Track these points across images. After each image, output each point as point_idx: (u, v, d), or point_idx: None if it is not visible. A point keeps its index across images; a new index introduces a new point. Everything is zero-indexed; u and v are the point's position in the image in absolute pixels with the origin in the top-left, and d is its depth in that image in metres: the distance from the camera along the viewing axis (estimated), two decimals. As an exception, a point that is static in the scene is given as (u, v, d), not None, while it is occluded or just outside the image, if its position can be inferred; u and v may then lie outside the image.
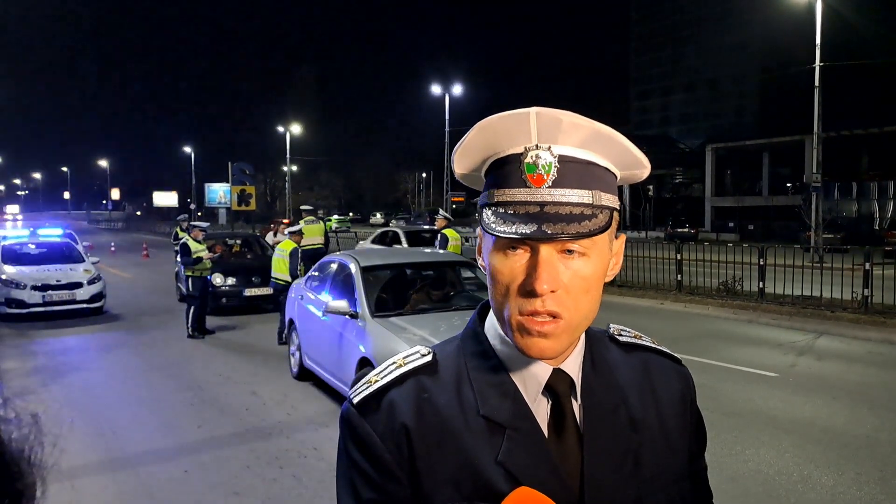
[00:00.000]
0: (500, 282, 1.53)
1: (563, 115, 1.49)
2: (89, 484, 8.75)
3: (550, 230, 1.44)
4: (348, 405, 1.64)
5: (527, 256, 1.50)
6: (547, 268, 1.47)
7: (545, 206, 1.48)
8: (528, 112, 1.49)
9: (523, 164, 1.50)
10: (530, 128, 1.50)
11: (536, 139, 1.51)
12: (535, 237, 1.44)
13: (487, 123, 1.53)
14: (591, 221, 1.47)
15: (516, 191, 1.50)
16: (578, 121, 1.50)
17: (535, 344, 1.50)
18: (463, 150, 1.59)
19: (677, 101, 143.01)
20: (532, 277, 1.47)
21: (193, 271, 18.38)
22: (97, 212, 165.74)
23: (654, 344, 1.85)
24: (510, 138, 1.52)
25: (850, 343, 16.64)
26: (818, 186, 37.86)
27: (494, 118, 1.51)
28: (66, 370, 14.74)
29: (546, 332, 1.49)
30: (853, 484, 8.34)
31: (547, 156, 1.50)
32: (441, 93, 64.11)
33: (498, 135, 1.53)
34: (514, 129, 1.51)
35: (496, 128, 1.52)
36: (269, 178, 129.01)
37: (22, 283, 20.83)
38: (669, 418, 1.73)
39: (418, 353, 1.69)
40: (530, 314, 1.49)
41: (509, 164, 1.53)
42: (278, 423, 10.93)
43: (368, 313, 11.00)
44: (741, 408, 11.44)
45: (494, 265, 1.54)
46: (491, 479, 1.52)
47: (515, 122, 1.50)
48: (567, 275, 1.50)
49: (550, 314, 1.49)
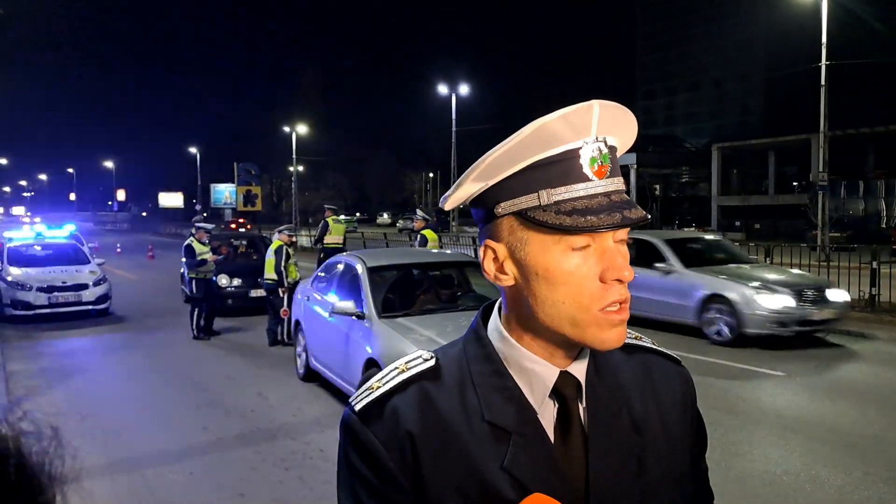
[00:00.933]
0: (569, 282, 1.50)
1: (617, 107, 1.52)
2: (94, 485, 8.73)
3: (633, 215, 1.47)
4: (349, 412, 1.62)
5: (591, 249, 1.50)
6: (623, 254, 1.51)
7: (611, 196, 1.50)
8: (591, 104, 1.48)
9: (584, 158, 1.50)
10: (592, 121, 1.50)
11: (596, 132, 1.51)
12: (623, 224, 1.46)
13: (549, 120, 1.48)
14: (638, 206, 1.51)
15: (580, 185, 1.49)
16: (626, 113, 1.54)
17: (615, 334, 1.52)
18: (508, 151, 1.50)
19: (683, 100, 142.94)
20: (614, 266, 1.49)
21: (197, 273, 18.39)
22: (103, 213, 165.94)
23: (654, 345, 1.85)
24: (570, 134, 1.50)
25: (857, 342, 16.60)
26: (824, 185, 37.82)
27: (558, 114, 1.48)
28: (71, 371, 14.76)
29: (625, 319, 1.52)
30: (861, 483, 8.31)
31: (603, 147, 1.52)
32: (448, 93, 64.13)
33: (556, 131, 1.49)
34: (575, 124, 1.49)
35: (557, 124, 1.49)
36: (274, 178, 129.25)
37: (28, 284, 20.87)
38: (671, 420, 1.72)
39: (421, 357, 1.67)
40: (612, 305, 1.50)
41: (562, 160, 1.50)
42: (284, 425, 10.93)
43: (375, 314, 10.99)
44: (748, 407, 11.43)
45: (559, 267, 1.50)
46: (497, 486, 1.50)
47: (579, 115, 1.49)
48: (626, 262, 1.52)
49: (625, 301, 1.52)
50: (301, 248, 45.49)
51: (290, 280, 17.15)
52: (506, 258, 1.58)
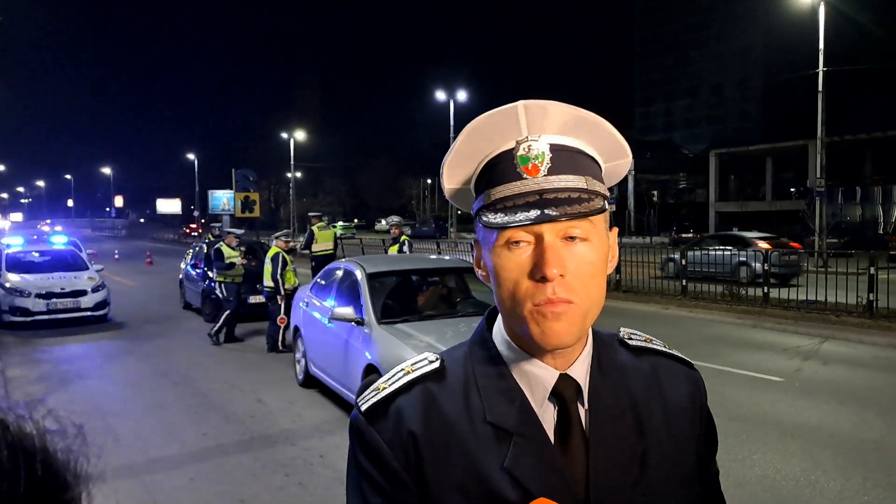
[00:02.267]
0: (506, 279, 1.52)
1: (549, 104, 1.52)
2: (95, 492, 8.74)
3: (553, 212, 1.46)
4: (357, 413, 1.64)
5: (530, 248, 1.50)
6: (553, 252, 1.48)
7: (544, 194, 1.49)
8: (515, 106, 1.51)
9: (516, 157, 1.52)
10: (519, 121, 1.51)
11: (527, 131, 1.52)
12: (540, 220, 1.45)
13: (476, 124, 1.54)
14: (589, 203, 1.49)
15: (513, 184, 1.52)
16: (564, 108, 1.53)
17: (551, 329, 1.50)
18: (453, 159, 1.60)
19: (681, 106, 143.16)
20: (541, 264, 1.47)
21: (226, 277, 18.45)
22: (101, 219, 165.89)
23: (665, 348, 1.85)
24: (500, 135, 1.54)
25: (855, 347, 16.65)
26: (822, 191, 37.88)
27: (482, 118, 1.53)
28: (70, 378, 14.75)
29: (560, 313, 1.49)
30: (860, 489, 8.33)
31: (538, 145, 1.52)
32: (445, 99, 64.14)
33: (488, 134, 1.54)
34: (503, 125, 1.52)
35: (485, 127, 1.54)
36: (272, 184, 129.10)
37: (26, 290, 20.88)
38: (678, 423, 1.72)
39: (426, 359, 1.69)
40: (543, 302, 1.49)
41: (502, 161, 1.54)
42: (284, 431, 10.94)
43: (374, 320, 11.00)
44: (747, 413, 11.44)
45: (498, 263, 1.53)
46: (497, 486, 1.52)
47: (504, 117, 1.52)
48: (573, 260, 1.50)
49: (562, 300, 1.49)
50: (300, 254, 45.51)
51: (289, 287, 17.13)
52: (479, 255, 1.65)
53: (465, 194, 1.68)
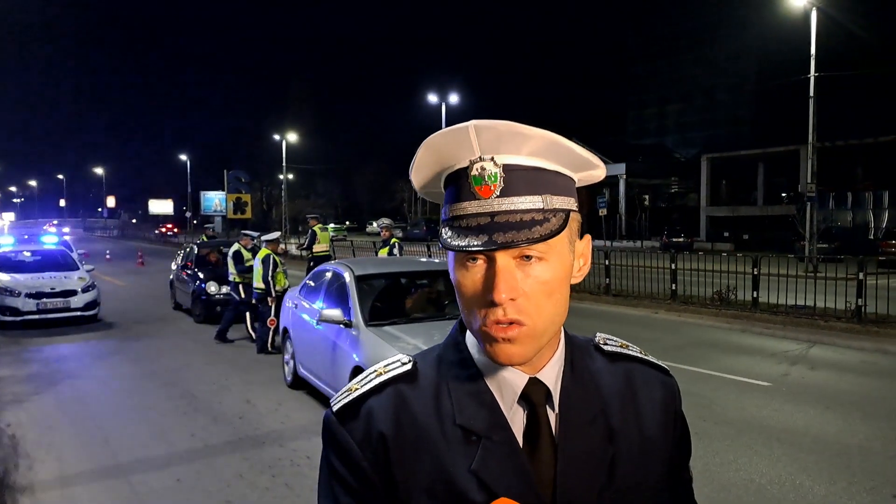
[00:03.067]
0: (463, 294, 1.55)
1: (500, 124, 1.50)
2: (81, 492, 8.77)
3: (501, 239, 1.46)
4: (329, 412, 1.66)
5: (485, 267, 1.51)
6: (504, 276, 1.48)
7: (495, 216, 1.49)
8: (466, 126, 1.50)
9: (470, 178, 1.52)
10: (471, 141, 1.51)
11: (479, 152, 1.52)
12: (486, 248, 1.45)
13: (432, 141, 1.54)
14: (542, 226, 1.49)
15: (467, 204, 1.52)
16: (517, 129, 1.51)
17: (502, 350, 1.51)
18: (416, 167, 1.61)
19: (673, 110, 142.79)
20: (490, 287, 1.48)
21: (244, 279, 18.47)
22: (93, 219, 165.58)
23: (642, 354, 1.85)
24: (455, 154, 1.54)
25: (843, 352, 16.67)
26: (813, 196, 37.89)
27: (437, 136, 1.53)
28: (59, 378, 14.74)
29: (510, 337, 1.50)
30: (845, 493, 8.35)
31: (491, 166, 1.51)
32: (437, 101, 64.05)
33: (443, 151, 1.55)
34: (456, 145, 1.53)
35: (440, 145, 1.54)
36: (265, 186, 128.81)
37: (16, 290, 20.85)
38: (650, 429, 1.73)
39: (399, 361, 1.71)
40: (494, 323, 1.50)
41: (459, 178, 1.55)
42: (272, 432, 10.95)
43: (362, 322, 11.01)
44: (734, 417, 11.46)
45: (457, 279, 1.56)
46: (464, 488, 1.54)
47: (455, 137, 1.51)
48: (527, 281, 1.51)
49: (512, 321, 1.50)
50: (291, 256, 45.47)
51: (279, 288, 17.14)
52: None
53: (436, 195, 1.69)
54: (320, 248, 24.49)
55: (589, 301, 25.48)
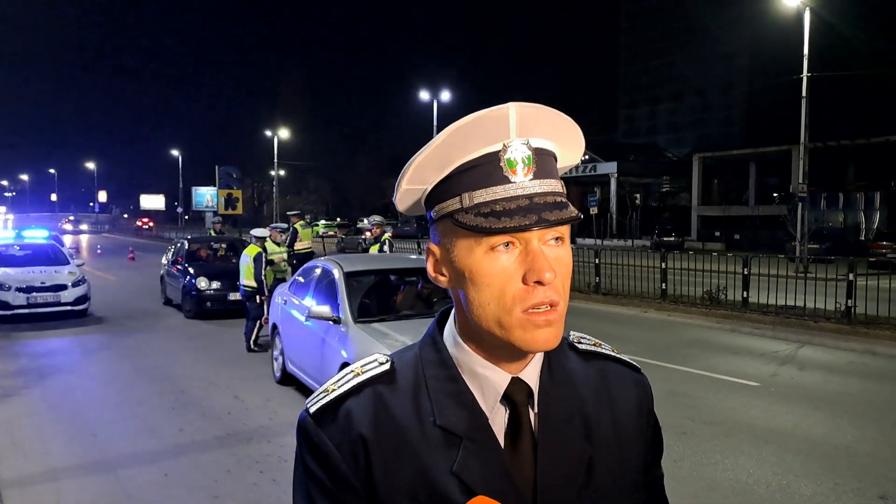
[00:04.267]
0: (491, 284, 1.50)
1: (541, 108, 1.51)
2: (69, 486, 8.76)
3: (552, 217, 1.45)
4: (305, 414, 1.64)
5: (516, 251, 1.49)
6: (545, 257, 1.48)
7: (533, 198, 1.49)
8: (507, 107, 1.49)
9: (504, 160, 1.50)
10: (509, 123, 1.50)
11: (515, 134, 1.51)
12: (541, 225, 1.44)
13: (463, 123, 1.50)
14: (570, 208, 1.50)
15: (500, 187, 1.50)
16: (555, 114, 1.54)
17: (542, 335, 1.50)
18: (427, 156, 1.54)
19: (665, 109, 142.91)
20: (536, 268, 1.47)
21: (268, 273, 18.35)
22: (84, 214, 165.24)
23: (614, 352, 1.84)
24: (486, 136, 1.51)
25: (832, 353, 16.70)
26: (804, 196, 37.97)
27: (471, 117, 1.50)
28: (49, 372, 14.72)
29: (550, 319, 1.49)
30: (831, 494, 8.37)
31: (525, 149, 1.51)
32: (429, 98, 64.04)
33: (473, 134, 1.51)
34: (490, 127, 1.50)
35: (472, 127, 1.50)
36: (256, 182, 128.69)
37: (6, 284, 20.80)
38: (626, 428, 1.72)
39: (376, 361, 1.69)
40: (534, 307, 1.48)
41: (484, 163, 1.52)
42: (260, 428, 10.95)
43: (351, 319, 11.02)
44: (721, 417, 11.47)
45: (483, 268, 1.51)
46: (446, 490, 1.52)
47: (493, 118, 1.49)
48: (557, 263, 1.50)
49: (552, 303, 1.49)
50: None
51: (268, 284, 17.09)
52: (442, 260, 1.61)
53: (413, 197, 1.65)
54: (302, 246, 24.45)
55: (578, 300, 25.47)
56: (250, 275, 17.21)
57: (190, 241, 25.67)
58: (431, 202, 1.60)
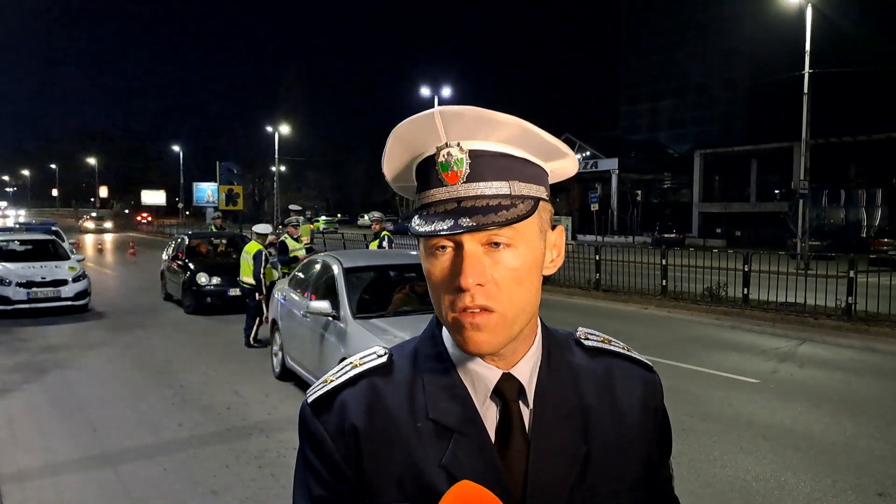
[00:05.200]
0: (432, 283, 1.55)
1: (466, 110, 1.50)
2: (69, 480, 8.76)
3: (466, 223, 1.45)
4: (304, 404, 1.66)
5: (453, 254, 1.51)
6: (471, 262, 1.48)
7: (462, 202, 1.49)
8: (431, 113, 1.50)
9: (437, 164, 1.52)
10: (437, 128, 1.51)
11: (445, 138, 1.52)
12: (451, 232, 1.45)
13: (399, 130, 1.54)
14: (508, 211, 1.48)
15: (435, 191, 1.53)
16: (484, 115, 1.50)
17: (471, 338, 1.50)
18: (386, 158, 1.61)
19: (666, 106, 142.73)
20: (458, 273, 1.48)
21: (289, 269, 18.27)
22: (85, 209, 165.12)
23: (624, 349, 1.83)
24: (423, 141, 1.54)
25: (832, 350, 16.71)
26: (805, 193, 37.95)
27: (404, 124, 1.53)
28: (49, 367, 14.72)
29: (478, 324, 1.49)
30: (830, 491, 8.37)
31: (457, 152, 1.51)
32: (430, 95, 63.97)
33: (411, 139, 1.55)
34: (423, 132, 1.52)
35: (407, 133, 1.54)
36: (257, 177, 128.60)
37: (7, 279, 20.82)
38: (628, 426, 1.71)
39: (375, 353, 1.71)
40: (462, 310, 1.49)
41: (427, 166, 1.55)
42: (259, 423, 10.95)
43: (350, 315, 11.02)
44: (721, 413, 11.47)
45: (426, 267, 1.56)
46: (433, 482, 1.53)
47: (421, 124, 1.51)
48: (496, 268, 1.50)
49: (482, 308, 1.49)
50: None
51: (267, 282, 17.05)
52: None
53: (408, 189, 1.69)
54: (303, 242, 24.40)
55: (579, 296, 25.50)
56: (249, 272, 17.17)
57: (190, 237, 25.67)
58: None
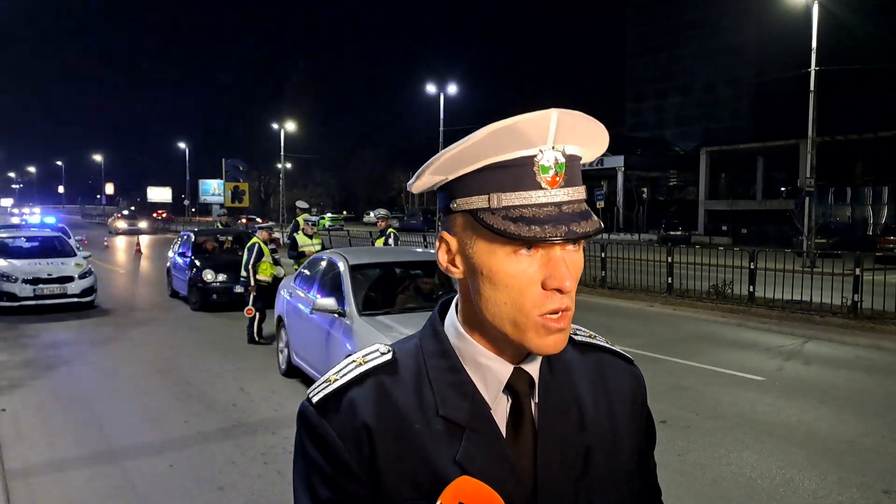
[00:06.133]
0: (510, 286, 1.51)
1: (583, 118, 1.52)
2: (75, 476, 8.78)
3: (580, 230, 1.46)
4: (307, 404, 1.65)
5: (538, 256, 1.50)
6: (566, 264, 1.49)
7: (562, 206, 1.49)
8: (549, 113, 1.48)
9: (537, 166, 1.49)
10: (549, 129, 1.49)
11: (553, 141, 1.50)
12: (570, 238, 1.45)
13: (502, 126, 1.48)
14: (595, 217, 1.51)
15: (531, 193, 1.49)
16: (593, 124, 1.53)
17: (553, 339, 1.52)
18: (459, 153, 1.52)
19: (672, 103, 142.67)
20: (557, 276, 1.48)
21: (297, 264, 18.25)
22: (91, 206, 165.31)
23: (608, 344, 1.86)
24: (523, 140, 1.49)
25: (838, 348, 16.69)
26: (811, 191, 37.88)
27: (512, 120, 1.47)
28: (55, 363, 14.76)
29: (564, 326, 1.52)
30: (835, 488, 8.37)
31: (559, 156, 1.50)
32: (436, 92, 63.92)
33: (512, 137, 1.49)
34: (529, 132, 1.48)
35: (512, 130, 1.48)
36: (263, 175, 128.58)
37: (13, 276, 20.86)
38: (620, 419, 1.75)
39: (378, 351, 1.70)
40: (553, 312, 1.50)
41: (517, 166, 1.50)
42: (265, 420, 10.97)
43: (356, 312, 11.02)
44: (726, 411, 11.47)
45: (504, 269, 1.51)
46: (449, 479, 1.53)
47: (534, 123, 1.48)
48: (574, 269, 1.52)
49: (567, 308, 1.51)
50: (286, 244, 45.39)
51: (265, 278, 16.93)
52: (457, 252, 1.60)
53: (432, 184, 1.64)
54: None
55: (584, 294, 25.43)
56: (243, 264, 17.16)
57: (196, 234, 25.67)
58: (452, 193, 1.58)
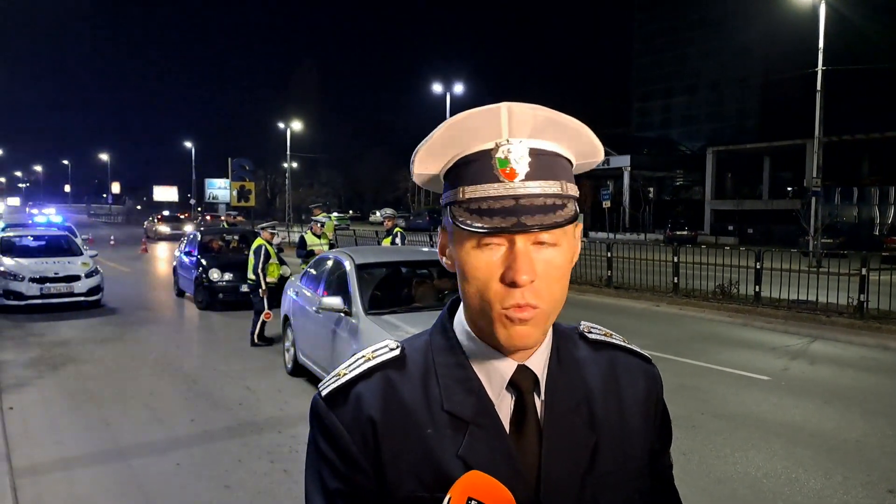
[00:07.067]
0: (476, 277, 1.54)
1: (536, 110, 1.51)
2: (82, 475, 8.80)
3: (530, 222, 1.46)
4: (317, 397, 1.67)
5: (502, 250, 1.51)
6: (525, 259, 1.49)
7: (520, 199, 1.49)
8: (499, 107, 1.50)
9: (495, 160, 1.52)
10: (501, 123, 1.51)
11: (508, 134, 1.52)
12: (516, 230, 1.46)
13: (456, 120, 1.53)
14: (563, 211, 1.50)
15: (489, 186, 1.51)
16: (552, 116, 1.52)
17: (517, 333, 1.53)
18: (427, 148, 1.58)
19: (679, 103, 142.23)
20: (512, 269, 1.49)
21: (305, 264, 18.23)
22: (97, 205, 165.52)
23: (624, 342, 1.86)
24: (479, 134, 1.53)
25: (844, 348, 16.68)
26: (818, 191, 37.85)
27: (464, 115, 1.52)
28: (62, 362, 14.78)
29: (526, 318, 1.51)
30: (840, 488, 8.37)
31: (518, 149, 1.52)
32: (442, 91, 63.86)
33: (467, 131, 1.53)
34: (483, 125, 1.52)
35: (465, 124, 1.52)
36: (269, 174, 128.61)
37: (20, 274, 20.91)
38: (632, 417, 1.75)
39: (387, 346, 1.71)
40: (512, 306, 1.51)
41: (478, 160, 1.54)
42: (271, 418, 11.00)
43: (362, 311, 11.03)
44: (732, 411, 11.47)
45: (469, 261, 1.54)
46: (451, 473, 1.54)
47: (485, 117, 1.51)
48: (542, 265, 1.52)
49: (530, 306, 1.51)
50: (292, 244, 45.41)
51: (272, 279, 16.96)
52: (447, 245, 1.66)
53: (433, 181, 1.68)
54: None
55: (590, 293, 25.46)
56: (251, 268, 17.14)
57: (202, 233, 25.69)
58: (445, 187, 1.63)
